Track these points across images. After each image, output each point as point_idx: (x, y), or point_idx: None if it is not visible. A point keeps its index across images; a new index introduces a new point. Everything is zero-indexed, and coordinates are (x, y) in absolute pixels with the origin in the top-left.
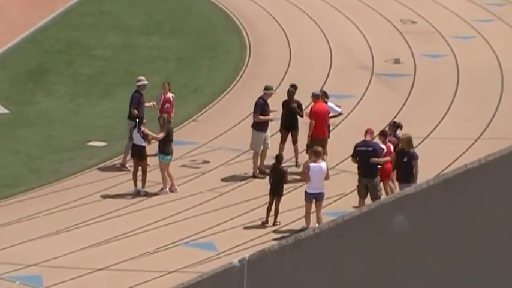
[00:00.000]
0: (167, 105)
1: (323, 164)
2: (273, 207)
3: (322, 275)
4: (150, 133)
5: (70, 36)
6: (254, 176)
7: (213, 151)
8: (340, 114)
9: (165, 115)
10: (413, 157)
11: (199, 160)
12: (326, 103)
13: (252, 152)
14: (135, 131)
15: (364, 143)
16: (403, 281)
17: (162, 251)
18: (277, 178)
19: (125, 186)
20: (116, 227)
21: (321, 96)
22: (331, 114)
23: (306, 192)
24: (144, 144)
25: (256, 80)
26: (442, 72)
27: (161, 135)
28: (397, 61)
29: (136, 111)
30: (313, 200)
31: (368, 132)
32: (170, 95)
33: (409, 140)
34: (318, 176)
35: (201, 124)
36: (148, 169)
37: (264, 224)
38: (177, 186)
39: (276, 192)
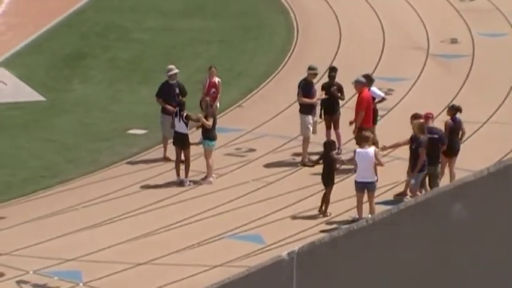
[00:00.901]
0: (213, 90)
1: (370, 150)
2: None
3: (375, 266)
4: (199, 116)
5: (108, 20)
6: (303, 164)
7: (259, 138)
8: (383, 99)
9: (207, 98)
10: (421, 144)
11: (244, 148)
12: (369, 89)
13: (302, 138)
14: (176, 119)
15: (429, 130)
16: (460, 270)
17: (207, 244)
18: (327, 166)
19: (167, 176)
20: (157, 219)
21: (367, 82)
22: (376, 101)
23: (355, 181)
24: (187, 132)
25: (304, 62)
26: (501, 52)
27: (210, 121)
28: (454, 41)
29: (167, 105)
30: (365, 190)
31: (429, 117)
32: (216, 79)
33: (421, 126)
34: (366, 163)
35: (246, 110)
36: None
37: (321, 213)
38: (214, 175)
39: (326, 182)
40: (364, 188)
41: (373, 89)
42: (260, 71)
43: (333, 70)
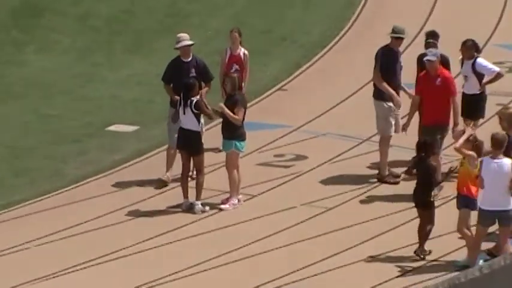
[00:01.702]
0: (235, 66)
1: (507, 162)
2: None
3: None
4: (221, 106)
5: None
6: (382, 180)
7: (312, 139)
8: (498, 75)
9: (235, 75)
10: None
11: (288, 155)
12: (475, 61)
13: (378, 137)
14: (181, 109)
15: None
16: None
17: None
18: (423, 179)
19: (168, 197)
20: (152, 267)
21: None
22: (485, 79)
23: (480, 209)
24: (198, 129)
25: (378, 25)
26: None
27: (240, 114)
28: None
29: (176, 97)
30: (496, 221)
31: None
32: (241, 50)
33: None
34: (498, 180)
35: (292, 95)
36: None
37: (418, 255)
38: (241, 196)
39: (422, 203)
40: (494, 219)
41: (481, 61)
42: (313, 37)
43: (432, 36)
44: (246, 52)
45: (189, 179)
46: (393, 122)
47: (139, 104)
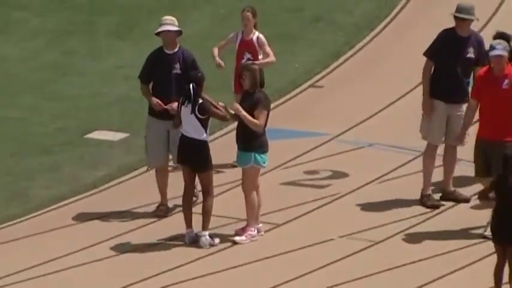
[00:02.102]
0: (247, 55)
1: None
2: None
3: None
4: (237, 107)
5: None
6: (424, 203)
7: (356, 151)
8: None
9: (256, 67)
10: None
11: (324, 171)
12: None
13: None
14: (184, 110)
15: None
16: None
17: None
18: (505, 204)
19: (167, 226)
20: None
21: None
22: None
23: None
24: (205, 137)
25: (443, 1)
26: None
27: (262, 118)
28: None
29: (158, 101)
30: None
31: None
32: (255, 34)
33: None
34: None
35: (329, 93)
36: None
37: None
38: (261, 225)
39: (505, 234)
40: None
41: None
42: (355, 17)
43: (501, 38)
44: (261, 36)
45: (193, 202)
46: (443, 129)
47: (128, 104)
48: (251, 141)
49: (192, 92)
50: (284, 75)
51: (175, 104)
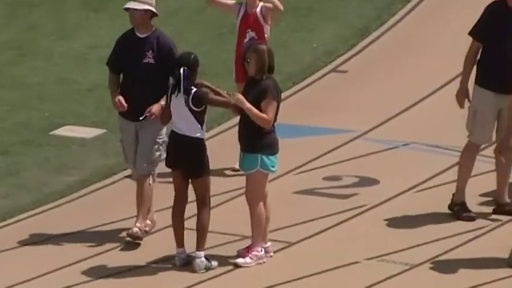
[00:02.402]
0: (250, 33)
1: None
2: None
3: None
4: (239, 97)
5: None
6: (454, 213)
7: (387, 152)
8: None
9: (264, 47)
10: None
11: (348, 177)
12: None
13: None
14: (176, 100)
15: None
16: None
17: None
18: None
19: (148, 247)
20: None
21: None
22: None
23: None
24: (200, 134)
25: None
26: None
27: (271, 111)
28: None
29: (116, 98)
30: None
31: None
32: (259, 6)
33: None
34: None
35: (354, 81)
36: (212, 201)
37: None
38: (269, 244)
39: None
40: None
41: None
42: None
43: None
44: (268, 4)
45: (183, 217)
46: (490, 123)
47: (104, 93)
48: (257, 141)
49: (182, 78)
50: (299, 58)
51: (155, 107)
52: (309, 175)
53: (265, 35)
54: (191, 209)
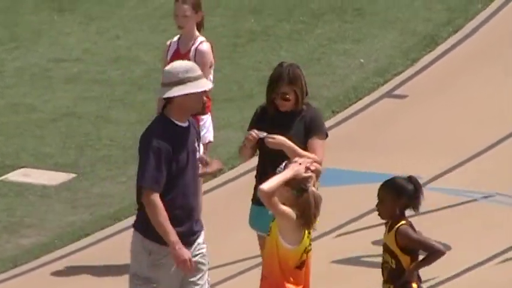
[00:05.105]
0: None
1: None
2: None
3: None
4: (285, 141)
5: None
6: None
7: (464, 206)
8: None
9: (293, 65)
10: None
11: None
12: None
13: None
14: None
15: None
16: None
17: None
18: None
19: None
20: None
21: None
22: None
23: None
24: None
25: None
26: None
27: (321, 150)
28: None
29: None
30: None
31: None
32: (196, 42)
33: None
34: None
35: (416, 108)
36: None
37: None
38: None
39: None
40: None
41: None
42: None
43: None
44: (203, 48)
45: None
46: None
47: (72, 124)
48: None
49: None
50: (340, 77)
51: None
52: (353, 238)
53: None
54: None
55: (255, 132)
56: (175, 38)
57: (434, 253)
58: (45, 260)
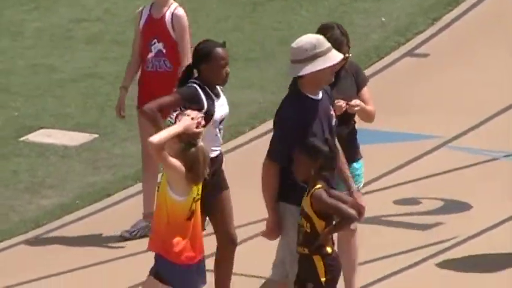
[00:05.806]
0: (156, 46)
1: None
2: None
3: None
4: (359, 103)
5: None
6: None
7: (485, 165)
8: None
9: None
10: None
11: (430, 201)
12: None
13: None
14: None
15: None
16: None
17: None
18: None
19: None
20: None
21: None
22: None
23: None
24: (219, 149)
25: None
26: None
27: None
28: None
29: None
30: None
31: None
32: (170, 8)
33: None
34: None
35: (437, 67)
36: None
37: None
38: None
39: None
40: None
41: None
42: None
43: None
44: (179, 13)
45: None
46: None
47: (93, 84)
48: (352, 149)
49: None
50: (361, 37)
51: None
52: (376, 197)
53: (181, 50)
54: None
55: None
56: (148, 5)
57: (345, 219)
58: (66, 221)
